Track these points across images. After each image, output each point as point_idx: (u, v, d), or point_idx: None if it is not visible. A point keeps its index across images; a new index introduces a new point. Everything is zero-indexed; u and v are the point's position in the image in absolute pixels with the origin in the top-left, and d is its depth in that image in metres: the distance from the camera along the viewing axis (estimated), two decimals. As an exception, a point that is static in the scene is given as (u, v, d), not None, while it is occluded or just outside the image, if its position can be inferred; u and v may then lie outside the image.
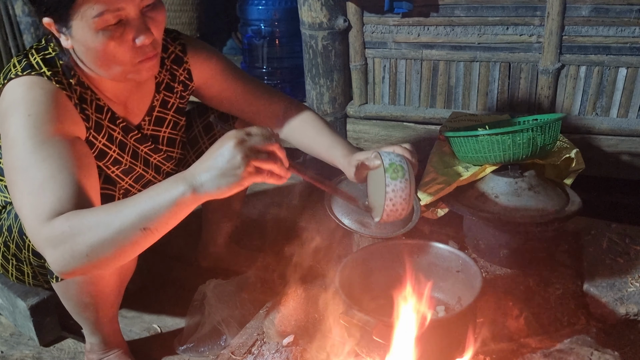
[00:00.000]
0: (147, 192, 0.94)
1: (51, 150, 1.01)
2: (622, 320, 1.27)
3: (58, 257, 0.92)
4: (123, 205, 0.93)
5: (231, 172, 0.90)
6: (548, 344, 1.14)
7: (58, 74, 1.12)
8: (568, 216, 1.41)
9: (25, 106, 1.05)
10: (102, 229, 0.91)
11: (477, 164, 1.54)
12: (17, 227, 1.23)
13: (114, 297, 1.30)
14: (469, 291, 1.11)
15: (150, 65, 1.13)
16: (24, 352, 1.51)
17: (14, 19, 2.49)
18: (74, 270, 0.94)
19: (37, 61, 1.12)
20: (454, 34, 2.02)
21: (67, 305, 1.29)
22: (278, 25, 2.36)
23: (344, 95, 2.25)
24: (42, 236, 0.93)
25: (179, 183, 0.92)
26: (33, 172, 0.99)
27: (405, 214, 1.17)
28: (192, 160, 1.52)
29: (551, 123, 1.46)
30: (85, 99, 1.17)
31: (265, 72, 2.41)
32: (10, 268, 1.35)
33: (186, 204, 0.92)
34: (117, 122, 1.26)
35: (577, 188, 1.55)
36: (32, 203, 0.96)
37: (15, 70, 1.11)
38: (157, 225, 0.92)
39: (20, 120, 1.03)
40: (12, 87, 1.08)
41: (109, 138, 1.24)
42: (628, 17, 1.80)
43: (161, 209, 0.91)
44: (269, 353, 1.24)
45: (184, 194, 0.91)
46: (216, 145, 0.92)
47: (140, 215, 0.91)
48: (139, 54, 1.09)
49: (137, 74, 1.13)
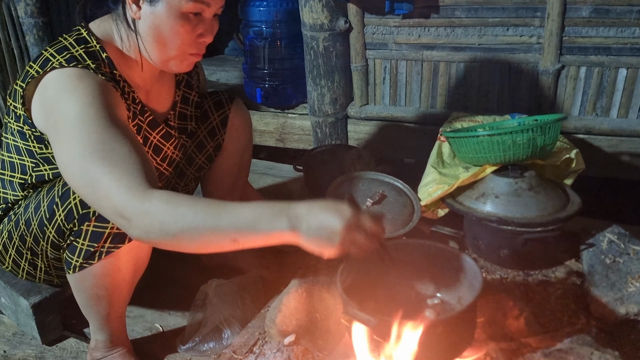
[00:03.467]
0: (252, 208, 0.96)
1: (122, 129, 1.07)
2: (622, 320, 1.27)
3: (147, 225, 0.96)
4: (225, 209, 0.97)
5: (324, 245, 0.95)
6: (548, 344, 1.14)
7: (101, 67, 1.17)
8: (568, 216, 1.41)
9: (84, 92, 1.09)
10: (197, 221, 0.95)
11: (477, 164, 1.55)
12: (37, 220, 1.23)
13: (127, 291, 1.31)
14: (469, 291, 1.12)
15: (194, 61, 1.26)
16: (26, 351, 1.51)
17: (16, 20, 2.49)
18: (151, 241, 1.00)
19: (80, 54, 1.16)
20: (454, 35, 2.03)
21: (80, 298, 1.30)
22: (279, 27, 2.36)
23: (345, 96, 2.26)
24: (137, 204, 0.97)
25: (283, 219, 0.94)
26: (113, 145, 1.03)
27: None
28: (203, 136, 1.60)
29: (551, 123, 1.46)
30: (125, 90, 1.24)
31: (267, 73, 2.42)
32: (23, 263, 1.36)
33: (280, 239, 0.96)
34: (145, 116, 1.33)
35: (577, 188, 1.55)
36: (124, 171, 1.00)
37: (56, 60, 1.13)
38: (246, 242, 0.97)
39: (83, 103, 1.07)
40: (60, 76, 1.12)
41: (137, 130, 1.31)
42: (628, 17, 1.81)
43: (258, 233, 0.95)
44: (270, 352, 1.24)
45: (283, 231, 0.95)
46: (328, 215, 0.94)
47: (237, 229, 0.95)
48: (195, 47, 1.22)
49: (180, 64, 1.25)
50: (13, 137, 1.27)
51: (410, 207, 1.55)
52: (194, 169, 1.64)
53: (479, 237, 1.52)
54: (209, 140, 1.61)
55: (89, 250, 1.19)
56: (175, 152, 1.48)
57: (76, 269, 1.22)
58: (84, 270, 1.21)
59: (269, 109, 2.49)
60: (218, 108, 1.60)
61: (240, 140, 1.66)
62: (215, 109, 1.60)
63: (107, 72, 1.19)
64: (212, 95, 1.62)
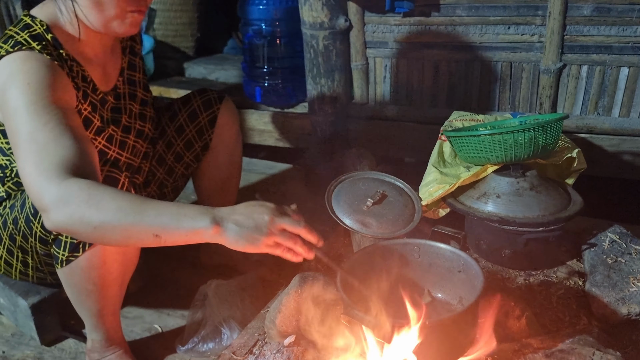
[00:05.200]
0: (175, 206, 0.99)
1: (52, 115, 1.05)
2: (624, 320, 1.27)
3: (65, 214, 0.95)
4: (147, 205, 0.97)
5: (253, 237, 0.98)
6: (550, 344, 1.14)
7: (47, 47, 1.17)
8: (570, 216, 1.41)
9: (24, 76, 1.10)
10: (120, 215, 0.95)
11: (478, 163, 1.54)
12: (23, 216, 1.25)
13: (117, 287, 1.31)
14: (471, 291, 1.11)
15: (137, 19, 1.23)
16: (25, 352, 1.51)
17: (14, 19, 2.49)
18: (71, 230, 0.99)
19: (25, 38, 1.17)
20: (455, 33, 2.02)
21: (70, 293, 1.30)
22: (279, 25, 2.36)
23: (345, 95, 2.25)
24: (51, 192, 0.96)
25: (207, 217, 0.97)
26: (36, 134, 1.02)
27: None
28: (180, 148, 1.63)
29: (553, 123, 1.45)
30: (73, 69, 1.24)
31: (266, 72, 2.41)
32: (15, 263, 1.36)
33: (202, 236, 0.98)
34: (97, 93, 1.33)
35: (578, 188, 1.55)
36: (38, 161, 0.99)
37: (2, 49, 1.14)
38: (168, 238, 0.97)
39: (20, 89, 1.07)
40: (6, 62, 1.12)
41: (92, 108, 1.31)
42: (630, 16, 1.80)
43: (180, 229, 0.96)
44: (270, 353, 1.24)
45: (206, 228, 0.96)
46: (253, 209, 1.00)
47: (160, 224, 0.96)
48: (132, 3, 1.20)
49: (122, 24, 1.22)
50: None
51: (411, 207, 1.54)
52: (182, 167, 1.64)
53: (480, 237, 1.51)
54: (197, 140, 1.62)
55: (73, 243, 1.20)
56: (135, 122, 1.47)
57: (63, 263, 1.23)
58: (71, 264, 1.22)
59: (268, 108, 2.48)
60: (207, 107, 1.61)
61: (229, 139, 1.67)
62: (204, 108, 1.61)
63: (53, 51, 1.19)
64: (201, 94, 1.62)
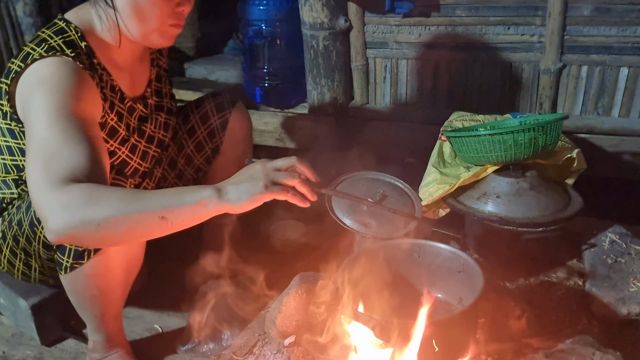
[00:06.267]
0: (173, 188, 1.02)
1: (71, 125, 1.06)
2: (624, 320, 1.27)
3: (66, 220, 0.93)
4: (147, 192, 1.00)
5: (251, 186, 1.01)
6: (550, 344, 1.14)
7: (80, 55, 1.18)
8: (570, 216, 1.41)
9: (53, 83, 1.10)
10: (122, 205, 0.94)
11: (478, 163, 1.54)
12: (27, 220, 1.24)
13: (120, 291, 1.31)
14: (471, 291, 1.11)
15: (175, 33, 1.27)
16: (25, 352, 1.51)
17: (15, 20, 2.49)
18: (74, 235, 0.96)
19: (59, 44, 1.17)
20: (455, 34, 2.02)
21: (73, 298, 1.30)
22: (279, 26, 2.35)
23: (345, 96, 2.25)
24: (53, 197, 0.95)
25: (207, 187, 1.00)
26: (50, 141, 1.03)
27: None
28: (190, 151, 1.62)
29: (553, 123, 1.45)
30: (103, 78, 1.25)
31: (266, 72, 2.41)
32: (17, 263, 1.35)
33: (208, 206, 0.99)
34: (125, 101, 1.34)
35: (578, 188, 1.55)
36: (44, 167, 0.99)
37: (36, 53, 1.15)
38: (175, 218, 0.97)
39: (46, 96, 1.08)
40: (39, 66, 1.13)
41: (119, 117, 1.32)
42: (630, 16, 1.80)
43: (184, 203, 0.97)
44: (270, 353, 1.24)
45: (209, 197, 0.98)
46: (244, 170, 1.06)
47: (163, 203, 0.96)
48: (174, 18, 1.24)
49: (161, 38, 1.26)
50: (4, 137, 1.27)
51: (411, 207, 1.54)
52: (192, 170, 1.64)
53: (480, 237, 1.51)
54: (207, 142, 1.62)
55: (78, 250, 1.19)
56: (158, 131, 1.49)
57: (67, 269, 1.22)
58: (75, 270, 1.21)
59: (268, 108, 2.48)
60: (219, 110, 1.62)
61: (239, 145, 1.66)
62: (217, 110, 1.61)
63: (86, 60, 1.20)
64: (214, 97, 1.62)
